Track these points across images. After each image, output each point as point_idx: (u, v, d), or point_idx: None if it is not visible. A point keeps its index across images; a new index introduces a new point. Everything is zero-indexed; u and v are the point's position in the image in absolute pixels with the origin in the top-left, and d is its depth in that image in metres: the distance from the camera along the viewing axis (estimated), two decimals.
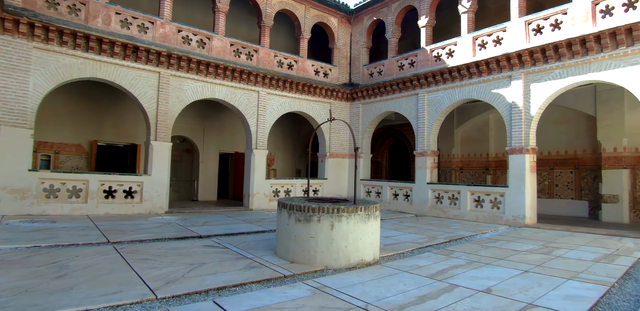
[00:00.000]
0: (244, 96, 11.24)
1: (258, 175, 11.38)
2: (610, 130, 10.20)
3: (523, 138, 9.21)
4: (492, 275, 4.75)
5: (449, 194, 10.68)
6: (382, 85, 12.58)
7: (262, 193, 11.46)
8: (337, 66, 13.75)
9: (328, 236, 5.02)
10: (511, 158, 9.36)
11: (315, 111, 13.11)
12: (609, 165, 10.18)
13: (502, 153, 13.20)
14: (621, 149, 10.02)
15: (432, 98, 11.36)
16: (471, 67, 10.18)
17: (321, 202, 5.63)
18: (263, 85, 11.59)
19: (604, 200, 10.15)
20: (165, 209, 9.67)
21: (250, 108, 11.38)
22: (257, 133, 11.48)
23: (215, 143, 14.30)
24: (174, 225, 7.84)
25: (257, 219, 9.15)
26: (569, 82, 8.61)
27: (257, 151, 11.44)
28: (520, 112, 9.30)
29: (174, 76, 9.90)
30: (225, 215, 9.70)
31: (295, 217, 5.19)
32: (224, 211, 10.53)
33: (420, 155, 11.45)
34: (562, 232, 8.16)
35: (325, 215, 5.06)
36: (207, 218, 8.93)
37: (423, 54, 11.65)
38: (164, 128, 9.70)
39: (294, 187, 12.39)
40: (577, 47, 8.33)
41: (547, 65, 8.90)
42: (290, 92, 12.30)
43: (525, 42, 9.29)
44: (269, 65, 11.72)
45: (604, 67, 8.11)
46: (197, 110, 13.50)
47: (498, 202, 9.59)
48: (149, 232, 6.91)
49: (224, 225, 8.07)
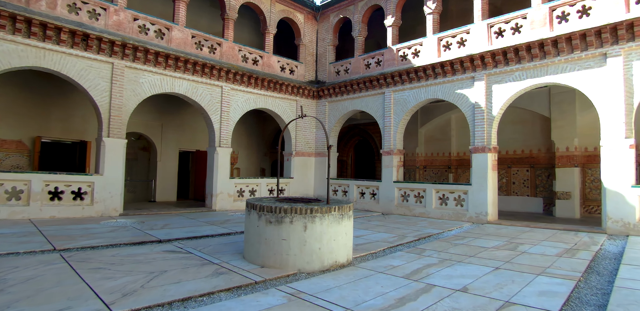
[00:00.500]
0: (206, 91, 10.70)
1: (222, 174, 10.90)
2: (563, 131, 10.76)
3: (485, 138, 9.46)
4: (466, 273, 4.74)
5: (414, 192, 10.79)
6: (349, 83, 12.49)
7: (226, 193, 10.99)
8: (304, 63, 13.51)
9: (301, 238, 4.79)
10: (474, 157, 9.59)
11: (281, 108, 12.79)
12: (562, 163, 10.73)
13: (463, 152, 13.58)
14: (573, 148, 10.60)
15: (398, 98, 11.42)
16: (436, 67, 10.33)
17: (293, 202, 5.39)
18: (227, 80, 11.10)
19: (557, 197, 10.70)
20: (120, 211, 8.97)
21: (213, 104, 10.87)
22: (220, 131, 10.98)
23: (175, 141, 13.58)
24: (130, 228, 7.25)
25: (222, 220, 8.72)
26: (528, 84, 8.94)
27: (221, 149, 10.95)
28: (482, 112, 9.54)
29: (130, 68, 9.20)
30: (187, 217, 9.17)
31: (266, 218, 4.91)
32: (184, 212, 9.97)
33: (387, 154, 11.49)
34: (522, 228, 8.46)
35: (298, 215, 4.83)
36: (167, 221, 8.38)
37: (389, 53, 11.69)
38: (118, 124, 8.99)
39: (260, 186, 12.01)
40: (535, 50, 8.65)
41: (508, 67, 9.20)
42: (255, 88, 11.90)
43: (487, 45, 9.54)
44: (233, 60, 11.25)
45: (560, 70, 8.48)
46: (155, 105, 12.74)
47: (462, 199, 9.80)
48: (102, 236, 6.32)
49: (185, 227, 7.59)
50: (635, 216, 7.37)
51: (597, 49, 7.97)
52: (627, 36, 7.59)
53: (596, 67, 8.03)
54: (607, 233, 7.61)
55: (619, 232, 7.51)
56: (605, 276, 4.83)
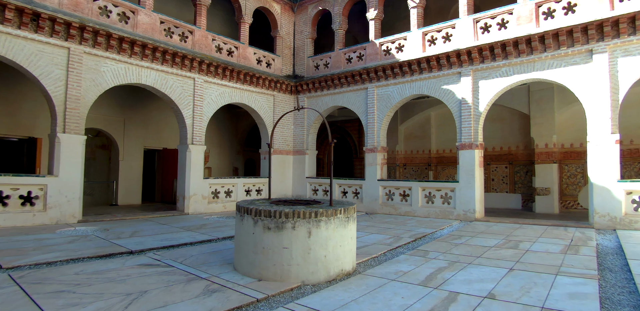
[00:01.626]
0: (177, 83, 9.77)
1: (195, 174, 10.02)
2: (542, 128, 10.85)
3: (472, 134, 9.29)
4: (483, 277, 4.40)
5: (400, 191, 10.47)
6: (329, 78, 11.98)
7: (200, 195, 10.12)
8: (281, 56, 12.82)
9: (305, 245, 4.21)
10: (461, 154, 9.39)
11: (258, 103, 12.04)
12: (541, 160, 10.83)
13: (442, 149, 13.49)
14: (552, 145, 10.72)
15: (382, 93, 11.05)
16: (422, 62, 10.04)
17: (291, 205, 4.79)
18: (200, 71, 10.22)
19: (537, 193, 10.78)
20: (79, 218, 7.92)
21: (185, 97, 9.95)
22: (193, 127, 10.09)
23: (139, 138, 12.45)
24: (93, 238, 6.31)
25: (198, 225, 7.91)
26: (515, 80, 8.84)
27: (194, 147, 10.06)
28: (469, 108, 9.36)
29: (89, 54, 8.14)
30: (157, 222, 8.26)
31: (264, 224, 4.27)
32: (153, 217, 9.02)
33: (371, 151, 11.09)
34: (512, 225, 8.33)
35: (302, 220, 4.24)
36: (135, 227, 7.46)
37: (372, 48, 11.29)
38: (76, 118, 7.92)
39: (236, 186, 11.22)
40: (523, 46, 8.56)
41: (495, 62, 9.06)
42: (230, 81, 11.08)
43: (473, 40, 9.37)
44: (206, 50, 10.38)
45: (547, 66, 8.43)
46: (116, 98, 11.59)
47: (449, 197, 9.58)
48: (60, 249, 5.39)
49: (158, 234, 6.74)
50: (621, 210, 7.41)
51: (583, 46, 7.96)
52: (612, 33, 7.62)
53: (582, 63, 8.02)
54: (595, 227, 7.62)
55: (606, 226, 7.54)
56: (619, 273, 4.68)
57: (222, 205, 10.70)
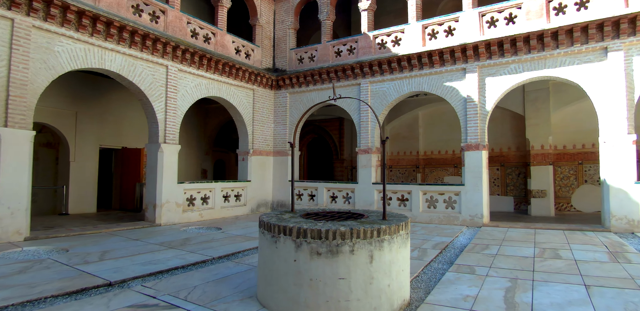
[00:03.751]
0: (147, 71, 8.26)
1: (168, 178, 8.54)
2: (538, 129, 10.64)
3: (479, 134, 8.75)
4: (568, 298, 3.79)
5: (397, 195, 9.71)
6: (316, 72, 10.97)
7: (174, 202, 8.65)
8: (260, 47, 11.60)
9: (366, 273, 3.22)
10: (467, 155, 8.81)
11: (237, 98, 10.74)
12: (537, 161, 10.60)
13: (430, 151, 12.99)
14: (547, 146, 10.53)
15: (376, 90, 10.24)
16: (423, 57, 9.36)
17: (329, 219, 3.78)
18: (174, 58, 8.77)
19: (532, 195, 10.53)
20: (25, 234, 6.23)
21: (157, 88, 8.46)
22: (165, 123, 8.60)
23: (94, 135, 10.63)
24: (51, 263, 4.81)
25: (179, 241, 6.55)
26: (524, 77, 8.41)
27: (167, 146, 8.58)
28: (475, 107, 8.81)
29: (40, 29, 6.49)
30: (127, 237, 6.77)
31: (311, 248, 3.22)
32: (119, 230, 7.47)
33: (364, 152, 10.23)
34: (525, 230, 7.85)
35: (362, 241, 3.25)
36: (102, 246, 5.95)
37: (365, 40, 10.45)
38: (21, 108, 6.25)
39: (214, 192, 9.83)
40: (534, 41, 8.14)
41: (503, 59, 8.59)
42: (207, 72, 9.70)
43: (479, 34, 8.85)
44: (180, 34, 8.95)
45: (559, 63, 8.08)
46: (67, 86, 9.78)
47: (453, 201, 8.97)
48: (9, 284, 3.91)
49: (136, 255, 5.35)
50: (639, 213, 7.17)
51: (597, 43, 7.67)
52: (628, 30, 7.38)
53: (596, 61, 7.74)
54: (612, 231, 7.34)
55: (623, 229, 7.27)
56: None
57: (199, 214, 9.29)
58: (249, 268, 4.82)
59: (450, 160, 12.59)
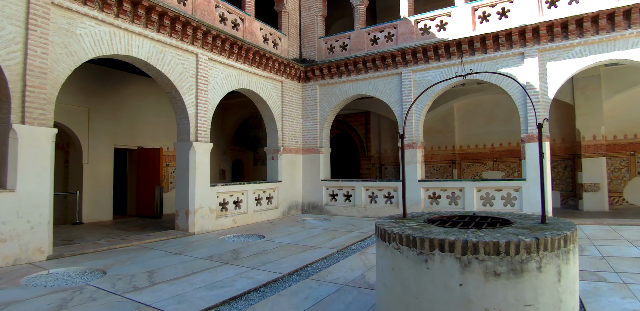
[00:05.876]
0: (177, 59, 7.31)
1: (201, 181, 7.61)
2: (589, 118, 9.89)
3: (543, 123, 7.94)
4: None
5: (447, 193, 8.89)
6: (350, 62, 10.08)
7: (207, 208, 7.72)
8: (287, 36, 10.68)
9: (554, 295, 2.47)
10: (528, 147, 8.01)
11: (267, 91, 9.82)
12: (588, 153, 9.85)
13: (467, 145, 12.20)
14: (600, 137, 9.79)
15: (420, 79, 9.39)
16: (475, 42, 8.53)
17: (466, 225, 2.92)
18: (204, 45, 7.83)
19: (585, 189, 9.79)
20: (48, 252, 5.26)
21: (187, 79, 7.52)
22: (197, 119, 7.67)
23: (109, 134, 9.65)
24: (93, 291, 3.88)
25: (227, 253, 5.65)
26: (591, 61, 7.64)
27: (199, 145, 7.65)
28: (537, 94, 8.02)
29: (59, 7, 5.51)
30: (165, 251, 5.84)
31: (485, 267, 2.40)
32: (152, 241, 6.53)
33: (409, 147, 9.38)
34: (598, 226, 7.34)
35: (549, 254, 2.48)
36: (143, 264, 5.00)
37: (405, 26, 9.59)
38: (40, 102, 5.28)
39: (246, 194, 8.91)
40: (603, 21, 7.37)
41: (567, 41, 7.80)
42: (238, 61, 8.77)
43: (538, 15, 8.04)
44: (208, 18, 8.01)
45: (631, 44, 7.31)
46: (78, 79, 8.79)
47: (512, 197, 8.18)
48: None
49: (190, 276, 4.42)
50: None
51: None
52: None
53: None
54: None
55: None
56: None
57: (232, 220, 8.37)
58: (338, 287, 3.95)
59: (489, 155, 11.81)
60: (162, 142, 11.01)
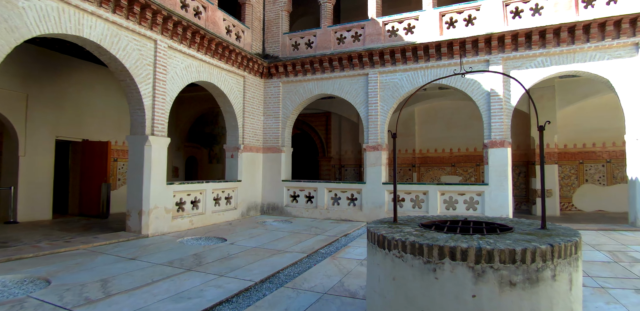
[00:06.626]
0: (133, 44, 6.62)
1: (157, 178, 6.96)
2: None
3: (504, 130, 8.24)
4: None
5: (411, 196, 8.93)
6: (316, 60, 9.84)
7: (163, 208, 7.08)
8: (251, 29, 10.22)
9: (567, 305, 2.47)
10: (491, 152, 8.26)
11: (228, 85, 9.30)
12: None
13: (427, 149, 12.46)
14: (553, 145, 10.40)
15: (387, 81, 9.38)
16: (442, 47, 8.67)
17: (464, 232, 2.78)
18: (164, 31, 7.18)
19: (538, 195, 10.34)
20: None
21: (144, 67, 6.84)
22: (153, 110, 7.01)
23: (50, 124, 8.62)
24: (37, 305, 3.29)
25: (190, 258, 5.15)
26: (552, 71, 8.02)
27: (155, 139, 7.00)
28: (500, 101, 8.29)
29: None
30: (117, 256, 5.22)
31: (500, 276, 2.28)
32: (101, 245, 5.82)
33: (373, 149, 9.32)
34: None
35: (562, 261, 2.43)
36: (94, 271, 4.40)
37: (373, 27, 9.54)
38: None
39: (205, 194, 8.33)
40: (565, 34, 7.77)
41: (530, 51, 8.14)
42: (199, 52, 8.19)
43: (503, 25, 8.33)
44: (169, 3, 7.37)
45: (589, 58, 7.77)
46: (16, 61, 7.75)
47: (475, 202, 8.38)
48: None
49: (151, 285, 3.93)
50: None
51: (629, 38, 7.45)
52: None
53: (627, 56, 7.53)
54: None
55: None
56: None
57: (189, 220, 7.78)
58: (318, 296, 3.68)
59: (448, 159, 12.15)
60: (111, 134, 10.06)
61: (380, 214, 9.06)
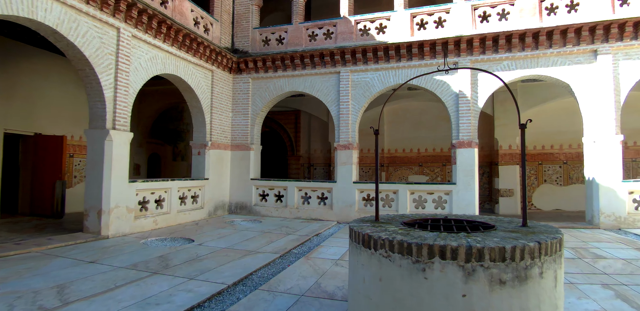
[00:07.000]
0: (94, 31, 6.15)
1: (118, 176, 6.52)
2: (506, 129, 10.88)
3: (472, 131, 8.45)
4: None
5: (382, 195, 8.97)
6: (287, 56, 9.66)
7: (125, 207, 6.64)
8: (220, 22, 9.87)
9: (552, 302, 2.53)
10: (459, 153, 8.46)
11: (196, 79, 8.91)
12: (504, 161, 10.83)
13: (395, 149, 12.61)
14: (515, 147, 10.83)
15: (358, 80, 9.36)
16: (413, 47, 8.76)
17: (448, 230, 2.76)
18: (127, 19, 6.74)
19: (500, 194, 10.74)
20: None
21: (105, 56, 6.37)
22: (115, 103, 6.56)
23: None
24: None
25: (155, 260, 4.84)
26: (518, 75, 8.33)
27: (117, 134, 6.55)
28: (468, 103, 8.50)
29: None
30: (75, 259, 4.81)
31: (491, 274, 2.26)
32: (56, 247, 5.36)
33: (344, 148, 9.28)
34: None
35: (549, 258, 2.46)
36: (50, 276, 4.02)
37: (345, 25, 9.50)
38: None
39: (170, 192, 7.92)
40: (529, 39, 8.09)
41: (497, 55, 8.41)
42: (165, 43, 7.77)
43: (471, 28, 8.56)
44: None
45: (552, 63, 8.15)
46: None
47: (443, 201, 8.54)
48: None
49: (114, 290, 3.63)
50: (625, 210, 7.53)
51: (588, 45, 7.88)
52: (617, 36, 7.68)
53: (586, 63, 7.95)
54: (601, 227, 7.59)
55: (611, 226, 7.56)
56: None
57: (153, 221, 7.36)
58: (295, 298, 3.54)
59: (416, 159, 12.36)
60: (67, 128, 9.36)
61: (350, 213, 9.03)
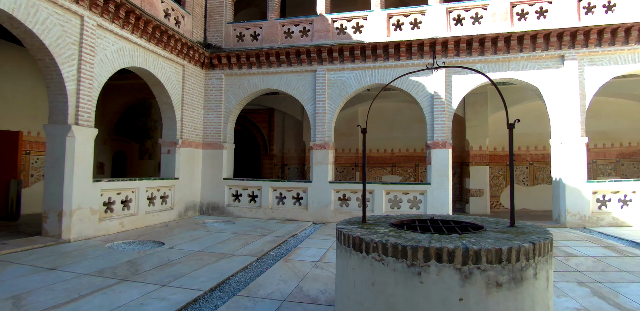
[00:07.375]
0: (55, 19, 5.69)
1: (81, 175, 6.06)
2: (477, 130, 11.15)
3: (446, 132, 8.57)
4: None
5: (357, 195, 8.94)
6: (262, 53, 9.43)
7: (88, 208, 6.19)
8: (192, 15, 9.49)
9: (545, 302, 2.54)
10: (434, 153, 8.55)
11: (166, 74, 8.51)
12: (475, 162, 11.10)
13: (369, 149, 12.64)
14: (485, 148, 11.11)
15: (335, 79, 9.27)
16: (390, 48, 8.78)
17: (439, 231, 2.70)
18: (92, 7, 6.28)
19: (471, 194, 10.99)
20: None
21: (67, 45, 5.91)
22: (78, 96, 6.10)
23: None
24: None
25: (123, 266, 4.52)
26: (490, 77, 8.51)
27: (80, 130, 6.10)
28: (442, 104, 8.61)
29: None
30: (33, 265, 4.40)
31: (487, 277, 2.21)
32: (11, 252, 4.89)
33: (320, 148, 9.16)
34: None
35: (542, 259, 2.45)
36: (4, 285, 3.62)
37: (322, 23, 9.39)
38: None
39: (137, 192, 7.49)
40: (501, 43, 8.30)
41: (471, 58, 8.57)
42: (134, 34, 7.34)
43: (446, 31, 8.69)
44: None
45: (522, 67, 8.40)
46: None
47: (418, 201, 8.61)
48: None
49: (78, 300, 3.33)
50: (589, 209, 7.87)
51: (556, 51, 8.18)
52: (582, 42, 8.02)
53: (554, 67, 8.25)
54: (567, 226, 7.89)
55: (576, 224, 7.88)
56: None
57: (119, 222, 6.93)
58: (277, 304, 3.38)
59: (389, 159, 12.44)
60: (22, 124, 8.68)
61: (326, 213, 8.93)
